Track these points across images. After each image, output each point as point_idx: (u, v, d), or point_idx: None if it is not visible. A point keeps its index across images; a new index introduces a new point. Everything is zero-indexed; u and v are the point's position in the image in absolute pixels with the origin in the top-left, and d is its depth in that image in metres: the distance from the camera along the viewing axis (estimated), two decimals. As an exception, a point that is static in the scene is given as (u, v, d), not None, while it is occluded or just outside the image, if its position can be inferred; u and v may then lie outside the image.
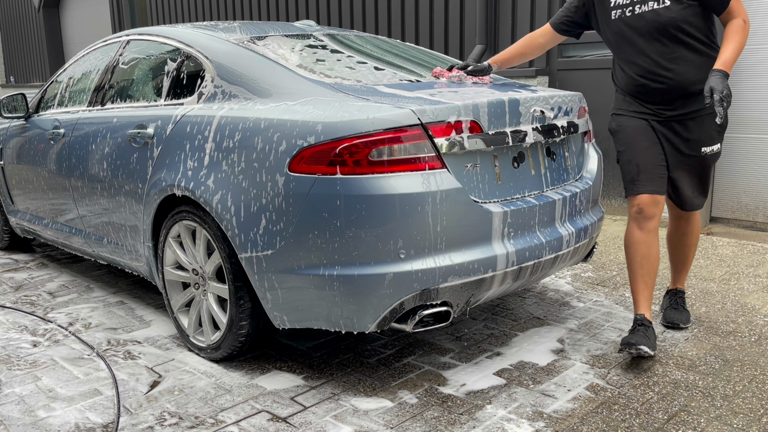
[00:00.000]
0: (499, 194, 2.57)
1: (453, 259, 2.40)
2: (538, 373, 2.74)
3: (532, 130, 2.66)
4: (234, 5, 9.22)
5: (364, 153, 2.30)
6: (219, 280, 2.83)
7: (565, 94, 2.92)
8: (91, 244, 3.65)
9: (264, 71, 2.77)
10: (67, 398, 2.61)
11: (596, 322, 3.26)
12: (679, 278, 3.26)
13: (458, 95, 2.58)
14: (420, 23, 6.92)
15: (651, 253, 2.84)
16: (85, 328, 3.35)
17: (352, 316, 2.43)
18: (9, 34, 15.60)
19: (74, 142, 3.55)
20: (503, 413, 2.42)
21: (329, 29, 3.59)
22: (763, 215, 5.17)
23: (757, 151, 5.12)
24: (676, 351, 2.91)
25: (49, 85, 4.21)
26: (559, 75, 5.89)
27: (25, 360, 2.98)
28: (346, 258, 2.35)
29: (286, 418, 2.42)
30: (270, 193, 2.45)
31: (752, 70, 5.05)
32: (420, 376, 2.73)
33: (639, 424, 2.33)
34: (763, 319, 3.27)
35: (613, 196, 5.71)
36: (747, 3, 5.00)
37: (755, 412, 2.40)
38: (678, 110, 2.81)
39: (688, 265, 3.23)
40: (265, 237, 2.48)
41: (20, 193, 4.30)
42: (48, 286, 4.09)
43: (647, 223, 2.83)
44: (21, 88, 14.64)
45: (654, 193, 2.81)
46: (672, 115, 2.82)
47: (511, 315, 3.38)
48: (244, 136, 2.56)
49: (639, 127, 2.86)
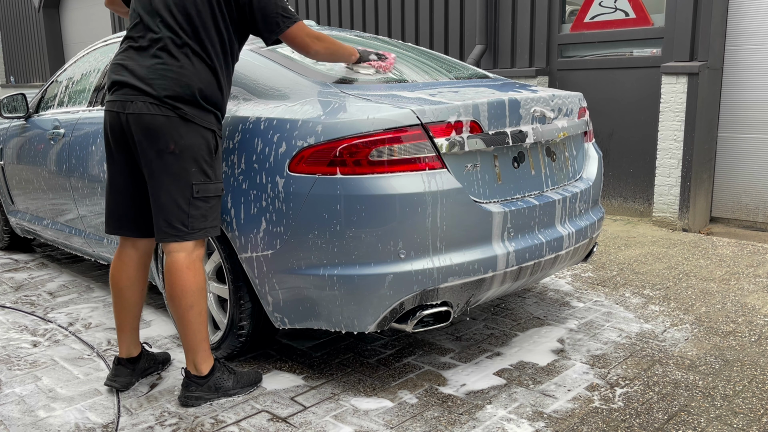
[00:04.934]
0: (500, 194, 2.57)
1: (453, 260, 2.40)
2: (538, 373, 2.74)
3: (532, 130, 2.66)
4: (234, 5, 9.19)
5: (364, 153, 2.30)
6: (219, 280, 2.83)
7: (566, 94, 2.92)
8: (91, 244, 3.65)
9: (264, 72, 2.77)
10: (67, 398, 2.61)
11: (596, 322, 3.26)
12: None
13: (458, 95, 2.58)
14: (420, 23, 6.91)
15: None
16: (85, 328, 3.35)
17: (353, 317, 2.43)
18: (9, 34, 15.59)
19: (74, 142, 3.55)
20: (503, 413, 2.42)
21: (329, 29, 3.59)
22: (763, 215, 5.17)
23: (757, 151, 5.12)
24: (676, 351, 2.91)
25: (49, 85, 4.20)
26: (559, 75, 5.89)
27: (25, 360, 2.98)
28: (347, 258, 2.35)
29: (286, 418, 2.42)
30: (270, 194, 2.45)
31: (752, 70, 5.05)
32: (420, 376, 2.73)
33: (639, 424, 2.33)
34: (763, 319, 3.27)
35: (613, 196, 5.71)
36: (747, 3, 5.00)
37: (755, 412, 2.40)
38: None
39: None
40: (266, 237, 2.48)
41: (20, 193, 4.30)
42: (48, 286, 4.09)
43: None
44: (21, 88, 14.63)
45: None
46: None
47: (511, 315, 3.38)
48: (243, 137, 2.56)
49: None
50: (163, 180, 2.33)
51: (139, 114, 2.30)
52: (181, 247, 2.38)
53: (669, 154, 5.06)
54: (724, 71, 5.18)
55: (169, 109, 2.30)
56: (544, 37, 5.89)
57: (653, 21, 5.28)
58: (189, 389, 2.49)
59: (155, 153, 2.31)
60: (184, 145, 2.31)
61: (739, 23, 5.05)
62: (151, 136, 2.30)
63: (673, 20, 5.11)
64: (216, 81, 2.39)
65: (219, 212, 2.46)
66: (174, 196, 2.33)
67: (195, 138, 2.33)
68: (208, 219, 2.40)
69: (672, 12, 5.11)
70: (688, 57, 5.01)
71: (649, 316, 3.33)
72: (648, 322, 3.25)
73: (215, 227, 2.46)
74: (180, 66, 2.32)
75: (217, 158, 2.43)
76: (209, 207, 2.40)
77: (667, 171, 5.09)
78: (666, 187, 5.11)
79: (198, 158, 2.34)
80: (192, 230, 2.37)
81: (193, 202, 2.34)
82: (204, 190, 2.36)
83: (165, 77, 2.30)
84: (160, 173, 2.33)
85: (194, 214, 2.36)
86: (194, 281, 2.38)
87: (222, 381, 2.52)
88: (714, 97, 5.13)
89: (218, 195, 2.43)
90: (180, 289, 2.37)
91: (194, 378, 2.48)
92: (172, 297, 2.39)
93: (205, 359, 2.48)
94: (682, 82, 4.92)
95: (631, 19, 5.39)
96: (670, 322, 3.25)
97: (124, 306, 2.60)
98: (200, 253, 2.43)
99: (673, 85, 4.96)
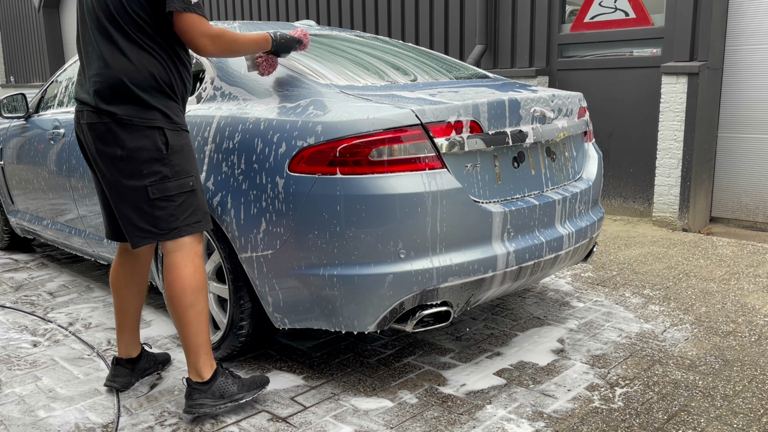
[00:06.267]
0: (499, 194, 2.57)
1: (453, 260, 2.40)
2: (538, 373, 2.74)
3: (532, 130, 2.66)
4: (234, 5, 9.22)
5: (364, 153, 2.30)
6: (219, 280, 2.83)
7: (566, 94, 2.92)
8: (91, 244, 3.65)
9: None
10: (67, 398, 2.61)
11: (596, 322, 3.26)
12: None
13: (458, 95, 2.58)
14: (420, 23, 6.91)
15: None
16: (85, 328, 3.35)
17: (353, 317, 2.43)
18: (9, 34, 15.59)
19: (74, 142, 3.55)
20: (503, 413, 2.42)
21: (329, 29, 3.59)
22: (763, 215, 5.17)
23: (757, 151, 5.12)
24: (676, 351, 2.91)
25: (49, 85, 4.21)
26: (559, 75, 5.89)
27: (25, 360, 2.98)
28: (346, 258, 2.35)
29: (286, 418, 2.42)
30: (270, 194, 2.45)
31: (752, 70, 5.05)
32: (420, 376, 2.73)
33: (639, 424, 2.33)
34: (763, 319, 3.27)
35: (613, 196, 5.71)
36: (747, 3, 5.00)
37: (755, 412, 2.40)
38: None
39: None
40: (266, 237, 2.48)
41: (20, 193, 4.30)
42: (48, 286, 4.09)
43: None
44: (21, 88, 14.64)
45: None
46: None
47: (511, 315, 3.38)
48: (243, 138, 2.56)
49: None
50: (118, 187, 2.27)
51: (87, 124, 2.29)
52: (177, 246, 2.32)
53: (669, 154, 5.06)
54: (724, 71, 5.18)
55: (105, 115, 2.24)
56: (544, 37, 5.89)
57: (653, 21, 5.28)
58: (192, 398, 2.37)
59: (107, 161, 2.27)
60: (129, 149, 2.23)
61: (739, 23, 5.05)
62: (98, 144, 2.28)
63: (673, 20, 5.11)
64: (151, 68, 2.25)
65: (198, 208, 2.34)
66: (133, 200, 2.26)
67: (139, 140, 2.24)
68: (178, 218, 2.29)
69: (672, 12, 5.11)
70: (688, 57, 5.01)
71: (649, 316, 3.33)
72: (648, 322, 3.25)
73: (197, 224, 2.34)
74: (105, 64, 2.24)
75: (175, 153, 2.28)
76: (176, 205, 2.28)
77: (667, 171, 5.09)
78: (666, 187, 5.11)
79: (147, 159, 2.24)
80: (162, 230, 2.29)
81: (154, 203, 2.26)
82: (162, 189, 2.25)
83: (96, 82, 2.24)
84: (114, 181, 2.28)
85: (159, 215, 2.27)
86: (193, 279, 2.32)
87: (226, 386, 2.41)
88: (714, 97, 5.13)
89: (185, 191, 2.30)
90: (179, 287, 2.31)
91: (196, 385, 2.38)
92: (171, 297, 2.33)
93: (207, 363, 2.39)
94: (682, 82, 4.92)
95: (631, 19, 5.39)
96: (670, 322, 3.25)
97: (123, 307, 2.59)
98: (198, 250, 2.36)
99: (673, 85, 4.96)
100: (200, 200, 2.37)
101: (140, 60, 2.23)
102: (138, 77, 2.22)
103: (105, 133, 2.25)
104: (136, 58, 2.23)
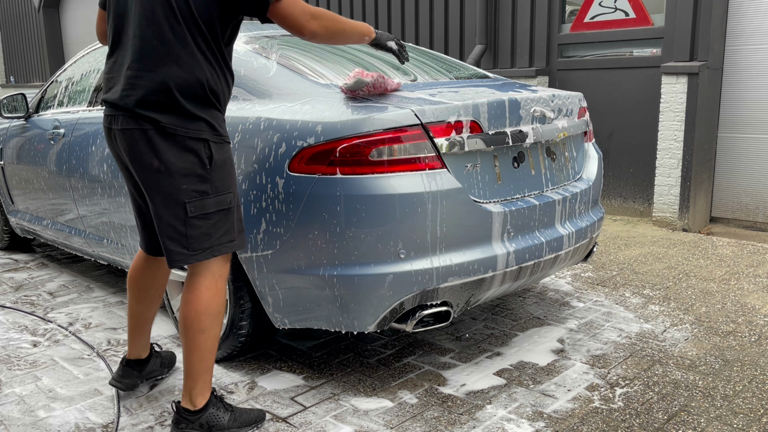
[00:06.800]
0: (499, 194, 2.57)
1: (453, 260, 2.40)
2: (538, 373, 2.74)
3: (532, 130, 2.66)
4: (234, 5, 9.20)
5: (364, 153, 2.30)
6: (219, 280, 2.83)
7: (566, 94, 2.92)
8: (91, 244, 3.65)
9: (263, 72, 2.77)
10: (67, 398, 2.61)
11: (596, 322, 3.26)
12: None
13: (458, 95, 2.58)
14: (420, 23, 6.91)
15: None
16: (85, 328, 3.35)
17: (352, 317, 2.43)
18: (9, 34, 15.59)
19: (74, 142, 3.55)
20: (503, 413, 2.42)
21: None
22: (763, 215, 5.17)
23: (757, 151, 5.12)
24: (676, 351, 2.91)
25: (49, 85, 4.21)
26: (559, 75, 5.89)
27: (25, 360, 2.98)
28: (346, 258, 2.35)
29: (286, 418, 2.42)
30: (270, 194, 2.45)
31: (752, 70, 5.05)
32: (420, 376, 2.73)
33: (639, 424, 2.33)
34: (763, 319, 3.27)
35: (613, 196, 5.71)
36: (747, 3, 5.00)
37: (755, 412, 2.40)
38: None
39: None
40: (265, 238, 2.48)
41: (20, 193, 4.30)
42: (48, 286, 4.09)
43: None
44: (21, 88, 14.63)
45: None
46: None
47: (511, 315, 3.38)
48: (243, 137, 2.56)
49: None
50: (155, 200, 2.10)
51: (120, 129, 2.10)
52: (202, 267, 2.17)
53: (669, 154, 5.06)
54: (724, 71, 5.18)
55: (146, 122, 2.05)
56: (544, 37, 5.89)
57: (653, 21, 5.28)
58: (179, 427, 2.22)
59: (143, 171, 2.09)
60: (168, 161, 2.05)
61: (739, 23, 5.05)
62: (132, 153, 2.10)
63: (673, 20, 5.11)
64: (205, 77, 2.09)
65: (232, 226, 2.18)
66: (168, 218, 2.10)
67: (180, 152, 2.06)
68: (212, 236, 2.13)
69: (672, 12, 5.11)
70: (688, 57, 5.01)
71: (649, 316, 3.33)
72: (648, 322, 3.25)
73: (230, 242, 2.18)
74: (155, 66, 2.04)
75: (217, 168, 2.13)
76: (211, 224, 2.12)
77: (667, 171, 5.09)
78: (666, 187, 5.11)
79: (188, 173, 2.07)
80: (194, 251, 2.12)
81: (190, 221, 2.09)
82: (200, 207, 2.09)
83: (136, 86, 2.06)
84: (152, 193, 2.10)
85: (192, 235, 2.10)
86: (212, 303, 2.17)
87: (217, 419, 2.24)
88: (714, 97, 5.13)
89: (223, 209, 2.15)
90: (195, 310, 2.16)
91: (185, 414, 2.22)
92: (186, 317, 2.17)
93: (203, 391, 2.23)
94: (682, 82, 4.92)
95: (631, 19, 5.39)
96: (670, 322, 3.25)
97: (140, 311, 2.50)
98: (224, 273, 2.21)
99: (673, 85, 4.96)
100: (236, 218, 2.21)
101: (191, 65, 2.04)
102: (185, 83, 2.04)
103: (141, 141, 2.06)
104: (187, 62, 2.04)
